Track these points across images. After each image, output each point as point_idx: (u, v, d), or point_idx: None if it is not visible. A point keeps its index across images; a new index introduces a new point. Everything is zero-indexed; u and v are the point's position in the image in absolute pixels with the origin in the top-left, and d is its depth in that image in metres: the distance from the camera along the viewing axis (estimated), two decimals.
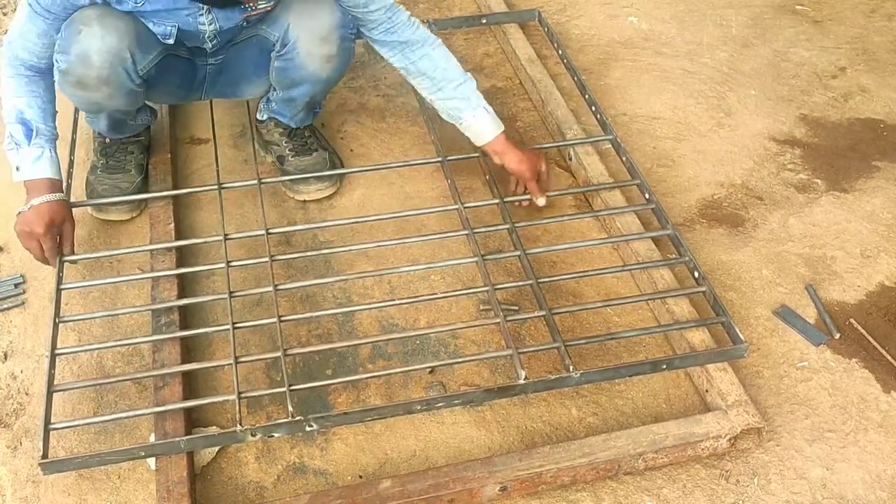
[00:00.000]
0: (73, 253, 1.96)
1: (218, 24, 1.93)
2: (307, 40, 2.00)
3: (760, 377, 1.88)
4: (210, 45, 2.00)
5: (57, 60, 1.87)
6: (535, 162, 2.11)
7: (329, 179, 2.26)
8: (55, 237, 1.92)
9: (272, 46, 2.08)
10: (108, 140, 2.23)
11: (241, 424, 1.64)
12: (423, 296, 1.95)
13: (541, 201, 2.12)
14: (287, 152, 2.28)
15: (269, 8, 1.96)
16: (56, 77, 1.91)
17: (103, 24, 1.83)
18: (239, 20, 1.95)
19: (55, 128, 1.96)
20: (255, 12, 1.95)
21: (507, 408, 1.82)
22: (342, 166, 2.34)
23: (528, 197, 2.15)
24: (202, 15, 1.90)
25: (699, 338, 1.85)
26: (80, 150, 2.31)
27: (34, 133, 1.91)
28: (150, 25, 1.90)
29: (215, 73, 2.16)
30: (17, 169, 1.91)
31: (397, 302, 1.97)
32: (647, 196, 2.14)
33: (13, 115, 1.90)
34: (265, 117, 2.31)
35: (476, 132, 2.12)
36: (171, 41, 1.94)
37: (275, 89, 2.20)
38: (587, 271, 2.01)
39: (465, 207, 2.07)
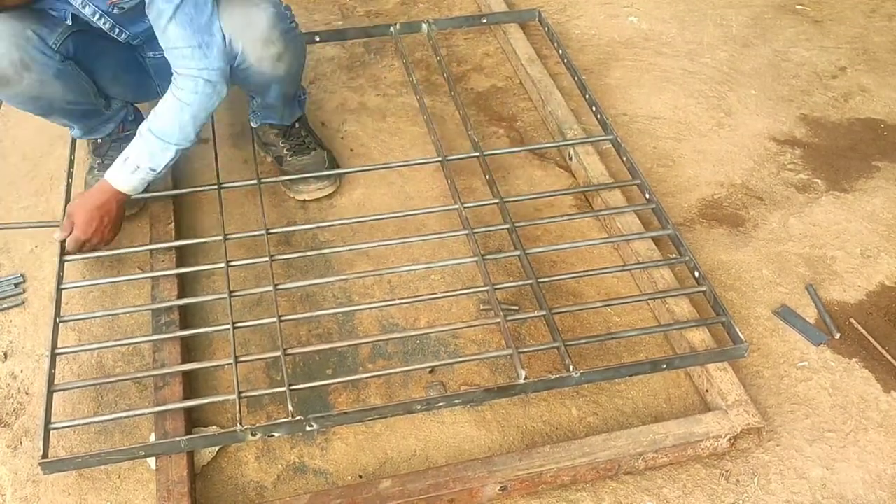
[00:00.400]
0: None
1: (93, 6, 1.88)
2: (252, 47, 1.97)
3: (760, 377, 1.88)
4: (118, 32, 1.97)
5: None
6: (79, 230, 1.93)
7: (328, 178, 2.26)
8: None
9: None
10: (99, 140, 2.23)
11: (241, 424, 1.64)
12: (423, 295, 1.95)
13: (56, 235, 1.95)
14: (285, 152, 2.28)
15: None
16: None
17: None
18: (106, 7, 1.89)
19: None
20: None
21: (507, 407, 1.82)
22: (339, 164, 2.34)
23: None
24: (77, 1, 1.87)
25: (699, 338, 1.85)
26: (80, 151, 2.31)
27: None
28: (51, 12, 1.90)
29: (160, 67, 2.07)
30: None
31: (397, 302, 1.97)
32: (647, 196, 2.14)
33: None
34: (258, 124, 2.31)
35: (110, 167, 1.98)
36: (69, 22, 1.92)
37: (251, 98, 2.20)
38: (587, 271, 2.01)
39: (464, 207, 2.07)
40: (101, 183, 1.94)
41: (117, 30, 1.97)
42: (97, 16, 1.91)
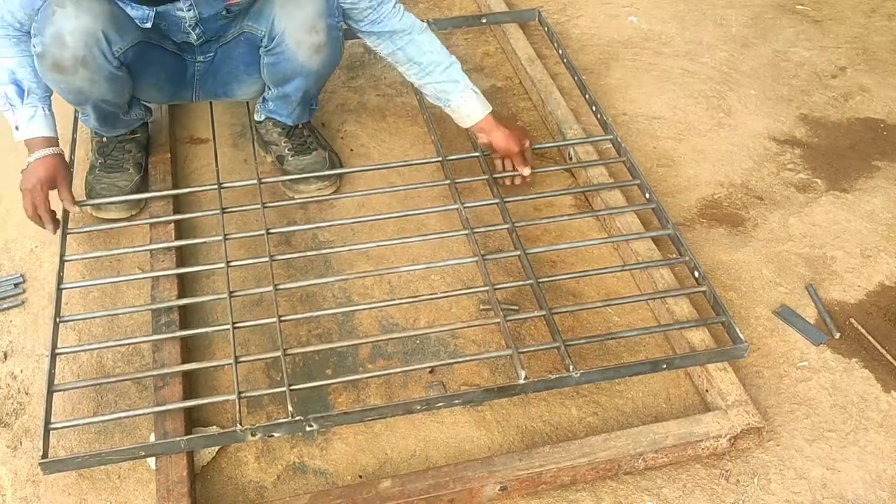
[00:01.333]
0: (71, 202, 2.00)
1: (196, 10, 1.93)
2: (294, 31, 1.99)
3: (760, 377, 1.88)
4: (195, 35, 1.99)
5: (34, 45, 1.88)
6: (519, 138, 2.17)
7: (329, 178, 2.26)
8: (47, 193, 1.95)
9: (260, 42, 2.08)
10: (104, 139, 2.22)
11: (241, 424, 1.64)
12: (422, 295, 1.95)
13: (526, 171, 2.17)
14: (286, 152, 2.28)
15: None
16: (35, 63, 1.92)
17: (77, 5, 1.83)
18: (220, 8, 1.94)
19: (47, 86, 1.97)
20: (235, 0, 1.94)
21: (507, 408, 1.82)
22: (341, 165, 2.34)
23: (516, 173, 2.19)
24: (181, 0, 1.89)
25: (699, 337, 1.85)
26: (80, 150, 2.31)
27: (26, 93, 1.94)
28: (129, 9, 1.91)
29: (205, 72, 2.15)
30: (16, 129, 1.96)
31: (397, 301, 1.97)
32: (647, 196, 2.14)
33: (5, 76, 1.93)
34: (262, 118, 2.30)
35: (465, 114, 2.16)
36: (149, 24, 1.94)
37: (269, 87, 2.19)
38: (587, 271, 2.01)
39: (464, 207, 2.07)
40: (484, 122, 2.15)
41: (199, 29, 1.99)
42: (192, 24, 1.95)
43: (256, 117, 2.33)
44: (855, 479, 1.70)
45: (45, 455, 1.60)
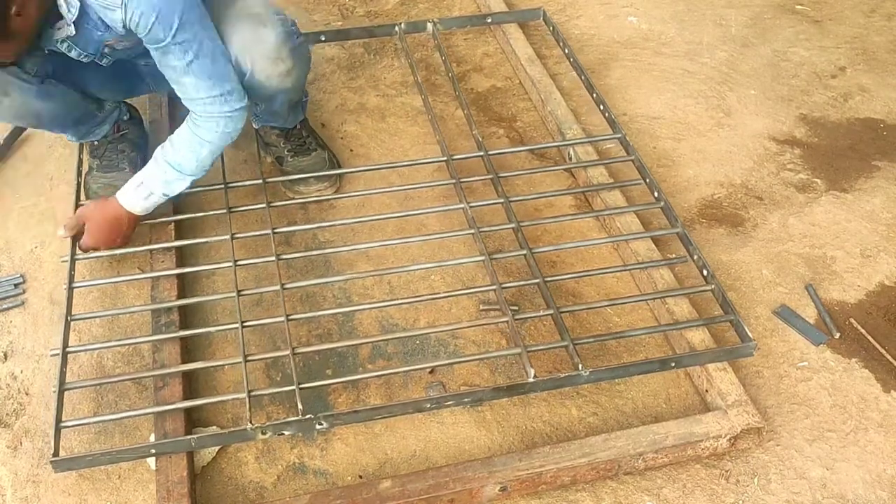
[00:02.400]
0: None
1: (78, 49, 1.82)
2: (261, 66, 1.95)
3: (760, 377, 1.88)
4: (105, 60, 1.90)
5: None
6: (90, 238, 1.97)
7: (329, 179, 2.27)
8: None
9: None
10: (96, 142, 2.22)
11: (251, 423, 1.64)
12: (424, 295, 1.95)
13: (60, 232, 1.98)
14: (286, 153, 2.29)
15: (129, 45, 1.85)
16: None
17: None
18: (99, 48, 1.83)
19: None
20: (110, 42, 1.83)
21: (507, 408, 1.83)
22: (340, 166, 2.34)
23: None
24: (59, 42, 1.79)
25: (699, 338, 1.85)
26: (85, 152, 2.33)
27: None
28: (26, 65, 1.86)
29: (156, 72, 1.98)
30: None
31: (400, 301, 1.97)
32: (655, 195, 2.14)
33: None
34: (259, 125, 2.31)
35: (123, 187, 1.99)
36: (50, 68, 1.90)
37: (255, 103, 2.14)
38: (591, 271, 2.02)
39: (470, 207, 2.07)
40: (114, 201, 1.95)
41: (106, 59, 1.91)
42: (83, 56, 1.85)
43: (254, 125, 2.32)
44: (855, 479, 1.70)
45: (56, 453, 1.60)
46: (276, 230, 2.02)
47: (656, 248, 2.07)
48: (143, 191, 1.94)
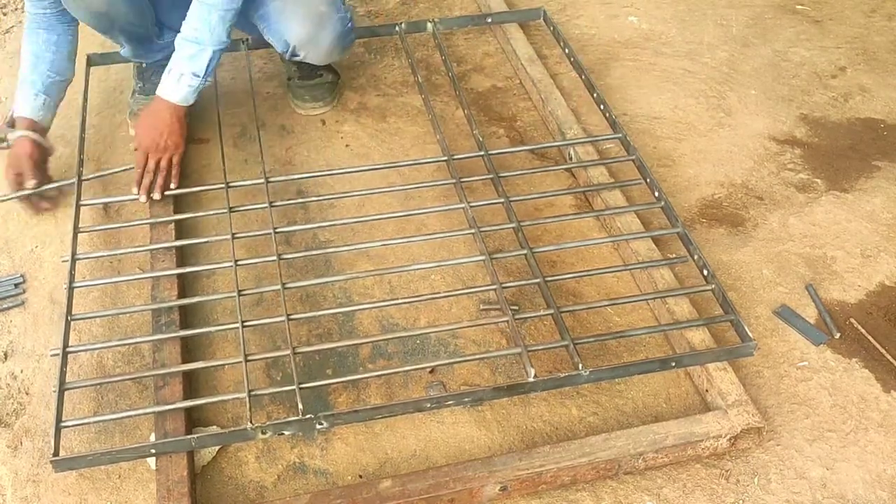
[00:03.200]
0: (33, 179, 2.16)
1: None
2: (313, 56, 2.26)
3: (760, 377, 1.88)
4: None
5: None
6: (144, 142, 2.08)
7: (324, 99, 2.51)
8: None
9: (273, 44, 2.26)
10: (144, 64, 2.36)
11: (251, 422, 1.64)
12: (425, 295, 1.95)
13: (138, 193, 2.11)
14: (294, 73, 2.52)
15: None
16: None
17: None
18: None
19: (45, 74, 2.17)
20: None
21: (507, 407, 1.83)
22: (340, 81, 2.60)
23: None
24: None
25: (699, 337, 1.85)
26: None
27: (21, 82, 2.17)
28: None
29: None
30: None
31: (400, 301, 1.97)
32: (655, 194, 2.14)
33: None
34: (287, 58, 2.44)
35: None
36: None
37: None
38: (591, 270, 2.01)
39: (471, 206, 2.07)
40: (154, 99, 2.10)
41: None
42: None
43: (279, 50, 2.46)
44: (855, 478, 1.70)
45: (56, 453, 1.60)
46: (277, 230, 2.02)
47: (656, 247, 2.07)
48: (173, 75, 2.05)
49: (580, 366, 1.72)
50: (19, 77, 2.20)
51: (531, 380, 1.71)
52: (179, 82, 2.04)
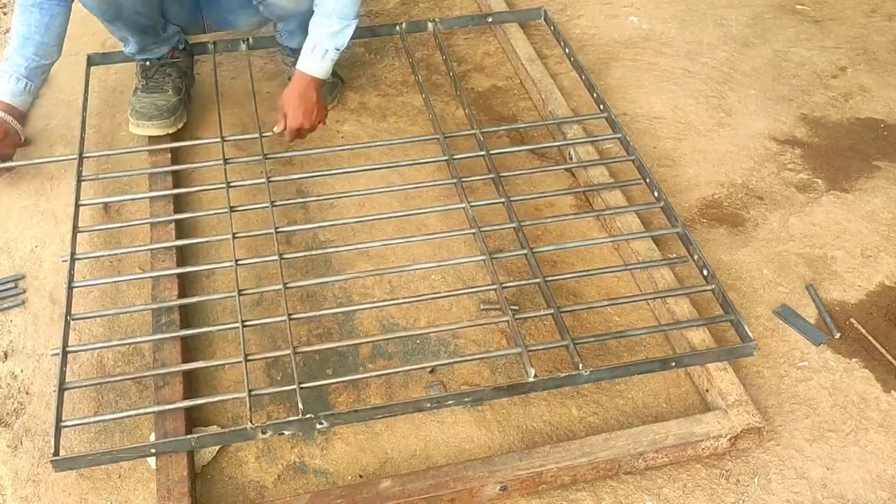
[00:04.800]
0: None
1: None
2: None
3: (761, 377, 1.88)
4: None
5: None
6: (291, 119, 2.20)
7: (324, 100, 2.40)
8: None
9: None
10: (148, 62, 2.39)
11: (251, 422, 1.64)
12: (425, 295, 1.95)
13: (276, 128, 2.23)
14: (292, 67, 2.46)
15: None
16: None
17: None
18: None
19: (31, 58, 2.19)
20: None
21: (507, 407, 1.83)
22: (342, 84, 2.61)
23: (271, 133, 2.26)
24: None
25: (699, 337, 1.85)
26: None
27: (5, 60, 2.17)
28: None
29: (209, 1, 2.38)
30: None
31: (401, 301, 1.97)
32: (655, 194, 2.14)
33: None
34: (283, 42, 2.52)
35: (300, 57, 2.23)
36: None
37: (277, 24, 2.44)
38: (591, 270, 2.02)
39: (471, 206, 2.07)
40: (296, 74, 2.19)
41: None
42: None
43: (278, 39, 2.53)
44: (855, 479, 1.70)
45: (56, 453, 1.60)
46: (278, 229, 2.02)
47: (657, 247, 2.07)
48: (318, 52, 2.16)
49: (580, 366, 1.72)
50: (3, 56, 2.20)
51: (531, 380, 1.71)
52: (324, 58, 2.16)
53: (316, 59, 2.17)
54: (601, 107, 2.41)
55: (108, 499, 1.67)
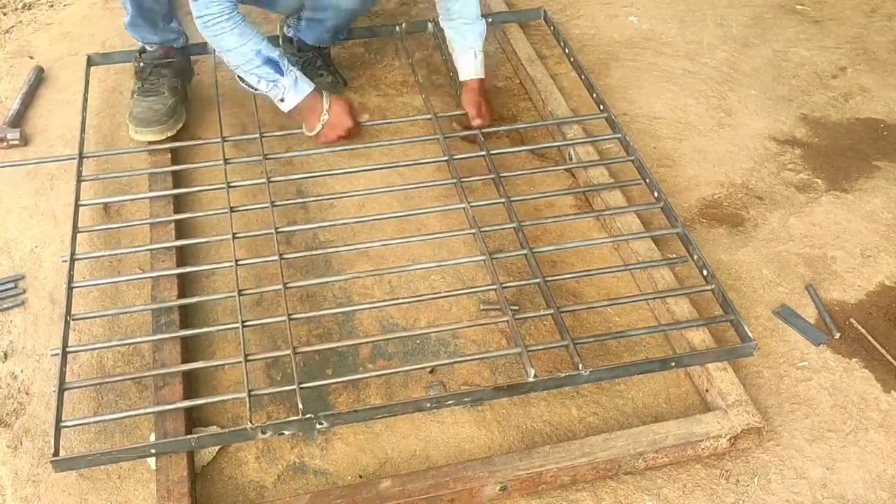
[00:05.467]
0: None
1: None
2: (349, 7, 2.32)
3: (760, 377, 1.88)
4: None
5: None
6: (479, 107, 2.36)
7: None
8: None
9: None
10: (142, 64, 2.40)
11: (251, 422, 1.64)
12: (425, 295, 1.95)
13: (475, 122, 2.35)
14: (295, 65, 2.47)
15: None
16: None
17: None
18: None
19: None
20: None
21: (507, 407, 1.83)
22: (344, 84, 2.63)
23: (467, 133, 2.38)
24: None
25: (699, 337, 1.85)
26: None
27: (281, 63, 2.18)
28: None
29: None
30: (282, 101, 2.22)
31: (400, 301, 1.97)
32: (655, 194, 2.14)
33: (256, 59, 2.14)
34: (291, 34, 2.50)
35: (459, 67, 2.42)
36: None
37: (305, 8, 2.41)
38: (591, 271, 2.01)
39: (471, 206, 2.07)
40: (475, 82, 2.38)
41: None
42: None
43: (285, 31, 2.52)
44: (855, 479, 1.70)
45: (56, 453, 1.60)
46: (278, 230, 2.02)
47: (656, 247, 2.07)
48: (480, 57, 2.37)
49: (580, 366, 1.72)
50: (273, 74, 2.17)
51: (531, 380, 1.71)
52: (479, 59, 2.38)
53: (479, 64, 2.38)
54: (601, 107, 2.42)
55: (108, 499, 1.67)
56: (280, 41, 2.54)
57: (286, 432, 1.67)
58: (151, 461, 1.70)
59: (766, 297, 2.06)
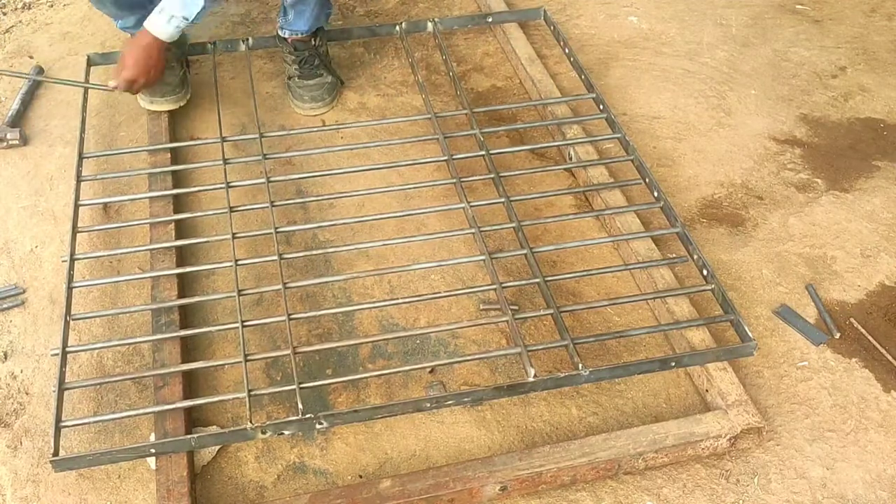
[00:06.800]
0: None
1: None
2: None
3: (760, 377, 1.88)
4: None
5: None
6: (127, 70, 2.23)
7: (323, 100, 2.56)
8: None
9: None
10: None
11: (251, 422, 1.64)
12: (425, 295, 1.95)
13: (110, 82, 2.27)
14: (295, 73, 2.56)
15: None
16: None
17: None
18: None
19: None
20: None
21: (507, 407, 1.83)
22: (341, 84, 2.64)
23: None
24: None
25: (699, 337, 1.85)
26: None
27: None
28: None
29: None
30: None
31: (400, 301, 1.97)
32: (655, 194, 2.14)
33: None
34: (285, 34, 2.52)
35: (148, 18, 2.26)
36: None
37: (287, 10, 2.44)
38: (591, 270, 2.01)
39: (471, 206, 2.07)
40: (141, 31, 2.21)
41: None
42: None
43: (279, 32, 2.54)
44: (855, 478, 1.70)
45: (56, 453, 1.60)
46: (278, 230, 2.02)
47: (656, 247, 2.07)
48: (164, 15, 2.17)
49: (580, 366, 1.72)
50: None
51: (531, 379, 1.71)
52: (169, 23, 2.18)
53: (162, 22, 2.19)
54: (601, 107, 2.41)
55: (107, 499, 1.67)
56: (277, 42, 2.56)
57: (286, 432, 1.67)
58: (151, 461, 1.70)
59: (766, 297, 2.06)
